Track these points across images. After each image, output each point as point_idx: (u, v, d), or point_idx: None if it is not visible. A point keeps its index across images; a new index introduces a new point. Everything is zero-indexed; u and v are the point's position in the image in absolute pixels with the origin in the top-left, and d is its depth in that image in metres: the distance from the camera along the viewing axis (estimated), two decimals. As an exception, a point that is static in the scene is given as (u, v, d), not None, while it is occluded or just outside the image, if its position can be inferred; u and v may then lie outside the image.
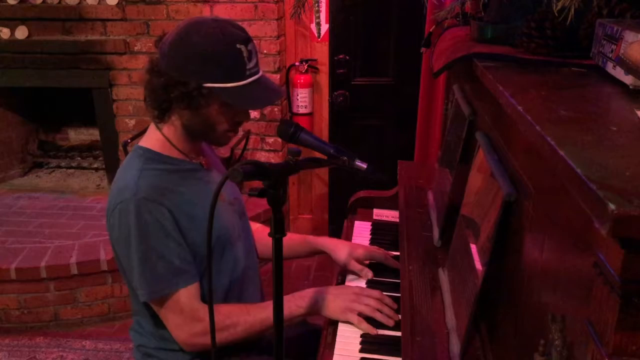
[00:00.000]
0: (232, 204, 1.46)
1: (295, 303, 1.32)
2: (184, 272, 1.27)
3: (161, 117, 1.31)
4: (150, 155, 1.32)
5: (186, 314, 1.27)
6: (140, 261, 1.25)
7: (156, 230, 1.24)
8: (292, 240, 1.62)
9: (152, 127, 1.36)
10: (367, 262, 1.57)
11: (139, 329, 1.43)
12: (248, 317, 1.30)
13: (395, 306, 1.34)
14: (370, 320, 1.30)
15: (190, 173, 1.35)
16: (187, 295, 1.27)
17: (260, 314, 1.30)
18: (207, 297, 1.01)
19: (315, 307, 1.33)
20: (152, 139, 1.34)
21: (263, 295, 1.58)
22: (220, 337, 1.26)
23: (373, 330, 1.28)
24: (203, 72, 1.22)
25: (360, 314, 1.31)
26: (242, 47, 1.24)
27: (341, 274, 1.58)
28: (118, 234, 1.28)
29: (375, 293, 1.35)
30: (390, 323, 1.30)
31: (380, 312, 1.31)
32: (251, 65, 1.26)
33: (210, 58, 1.22)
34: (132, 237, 1.24)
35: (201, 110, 1.26)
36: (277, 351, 1.05)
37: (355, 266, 1.53)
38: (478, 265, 1.03)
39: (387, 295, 1.37)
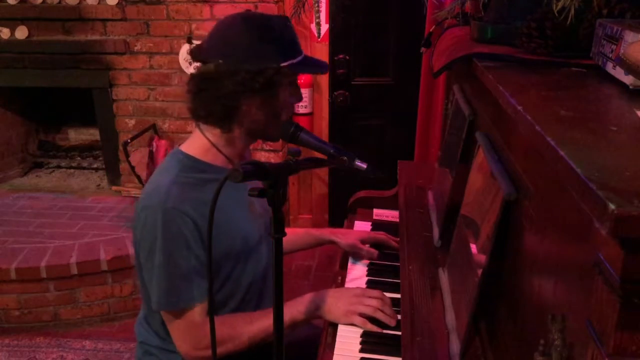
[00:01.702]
0: (263, 216, 1.45)
1: (297, 308, 1.32)
2: (199, 287, 1.27)
3: (229, 125, 1.28)
4: (190, 163, 1.30)
5: (194, 328, 1.27)
6: (159, 271, 1.24)
7: (179, 242, 1.23)
8: (295, 233, 1.68)
9: (196, 133, 1.34)
10: (368, 245, 1.66)
11: (145, 325, 1.43)
12: (252, 326, 1.29)
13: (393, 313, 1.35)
14: (371, 320, 1.30)
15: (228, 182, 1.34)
16: (200, 310, 1.27)
17: (263, 322, 1.29)
18: (208, 305, 1.01)
19: (316, 312, 1.33)
20: (196, 145, 1.33)
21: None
22: (226, 348, 1.27)
23: (379, 329, 1.28)
24: (277, 54, 1.25)
25: (362, 315, 1.30)
26: (290, 24, 1.31)
27: (340, 274, 1.58)
28: (141, 237, 1.27)
29: (376, 293, 1.36)
30: (392, 323, 1.30)
31: (382, 311, 1.31)
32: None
33: (278, 39, 1.27)
34: (155, 245, 1.23)
35: (275, 96, 1.27)
36: (278, 351, 1.05)
37: (362, 248, 1.62)
38: (478, 265, 1.03)
39: (386, 295, 1.37)
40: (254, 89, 1.23)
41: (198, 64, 1.30)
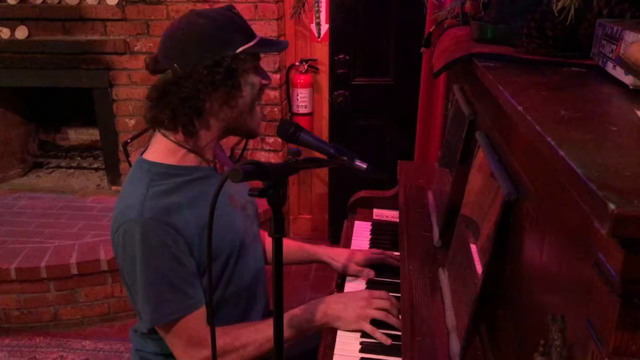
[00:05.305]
0: (244, 208, 1.41)
1: (305, 318, 1.29)
2: (191, 297, 1.23)
3: (193, 128, 1.24)
4: (158, 170, 1.25)
5: (194, 339, 1.23)
6: (145, 286, 1.20)
7: (162, 252, 1.19)
8: (288, 246, 1.60)
9: (158, 137, 1.29)
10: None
11: (141, 333, 1.39)
12: (257, 336, 1.26)
13: (399, 305, 1.34)
14: (376, 322, 1.29)
15: (203, 180, 1.28)
16: (196, 320, 1.23)
17: (268, 331, 1.22)
18: (208, 309, 0.99)
19: (325, 321, 1.30)
20: (160, 150, 1.28)
21: (267, 295, 1.56)
22: (231, 359, 1.24)
23: (387, 341, 1.25)
24: (230, 42, 1.23)
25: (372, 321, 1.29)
26: (236, 11, 1.29)
27: (340, 277, 1.58)
28: (123, 255, 1.22)
29: (382, 294, 1.34)
30: (400, 325, 1.28)
31: (392, 315, 1.30)
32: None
33: (225, 28, 1.24)
34: (137, 260, 1.18)
35: (239, 85, 1.24)
36: (278, 351, 1.05)
37: (356, 268, 1.54)
38: (478, 265, 1.03)
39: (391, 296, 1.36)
40: (215, 83, 1.20)
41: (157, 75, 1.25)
